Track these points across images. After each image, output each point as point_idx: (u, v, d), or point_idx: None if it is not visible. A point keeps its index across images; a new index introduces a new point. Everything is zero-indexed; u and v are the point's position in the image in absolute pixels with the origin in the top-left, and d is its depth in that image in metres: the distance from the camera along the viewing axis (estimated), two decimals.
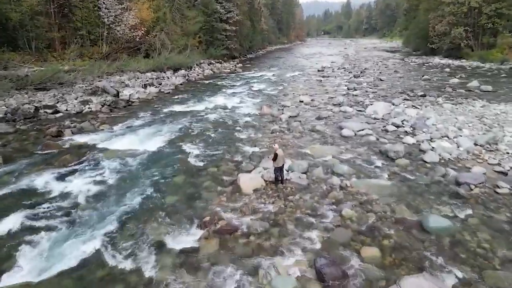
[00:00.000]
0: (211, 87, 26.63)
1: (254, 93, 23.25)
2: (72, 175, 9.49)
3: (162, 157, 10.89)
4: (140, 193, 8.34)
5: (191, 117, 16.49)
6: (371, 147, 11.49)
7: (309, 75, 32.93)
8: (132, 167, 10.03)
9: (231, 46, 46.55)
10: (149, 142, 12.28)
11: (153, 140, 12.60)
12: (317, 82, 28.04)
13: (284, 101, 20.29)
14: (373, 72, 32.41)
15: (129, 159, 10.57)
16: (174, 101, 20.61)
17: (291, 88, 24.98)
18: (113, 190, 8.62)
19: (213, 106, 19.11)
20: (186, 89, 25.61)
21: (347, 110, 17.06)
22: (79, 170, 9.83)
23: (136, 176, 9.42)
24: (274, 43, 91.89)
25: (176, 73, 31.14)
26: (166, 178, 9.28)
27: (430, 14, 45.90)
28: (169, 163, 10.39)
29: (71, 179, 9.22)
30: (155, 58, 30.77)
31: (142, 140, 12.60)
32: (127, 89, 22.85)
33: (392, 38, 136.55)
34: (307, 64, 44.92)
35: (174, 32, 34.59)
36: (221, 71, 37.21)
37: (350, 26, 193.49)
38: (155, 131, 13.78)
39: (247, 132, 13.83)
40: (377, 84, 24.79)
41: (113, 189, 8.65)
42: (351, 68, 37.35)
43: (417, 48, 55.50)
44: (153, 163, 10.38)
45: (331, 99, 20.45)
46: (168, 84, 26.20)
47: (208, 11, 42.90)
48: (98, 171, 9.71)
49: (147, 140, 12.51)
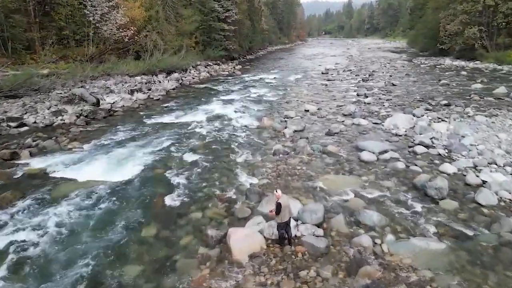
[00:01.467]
0: (207, 92, 24.18)
1: (253, 100, 20.81)
2: (3, 226, 7.03)
3: (132, 194, 8.42)
4: (85, 264, 5.85)
5: (180, 131, 14.03)
6: (401, 178, 9.02)
7: (312, 79, 30.49)
8: (89, 211, 7.56)
9: (229, 46, 44.10)
10: (121, 170, 9.82)
11: (127, 166, 10.14)
12: (322, 86, 25.59)
13: (287, 110, 17.86)
14: (382, 75, 29.94)
15: (86, 199, 8.10)
16: (162, 110, 18.17)
17: (294, 94, 22.54)
18: (47, 256, 6.10)
19: (206, 116, 16.68)
20: (179, 95, 23.16)
21: (361, 123, 14.60)
22: (15, 218, 7.33)
23: (89, 228, 6.96)
24: (275, 43, 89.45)
25: (169, 76, 28.68)
26: (131, 232, 6.82)
27: (440, 13, 43.45)
28: (140, 204, 7.94)
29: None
30: (146, 60, 28.32)
31: (114, 166, 10.14)
32: (111, 95, 20.39)
33: (394, 38, 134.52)
34: (309, 66, 42.48)
35: (167, 32, 32.14)
36: (218, 74, 34.77)
37: (352, 26, 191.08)
38: (132, 152, 11.33)
39: (243, 153, 11.38)
40: (390, 90, 22.32)
41: (47, 255, 6.12)
42: (358, 70, 34.88)
43: (425, 48, 53.01)
44: (119, 204, 7.93)
45: (340, 107, 18.01)
46: (158, 89, 23.74)
47: (205, 10, 40.48)
48: (40, 219, 7.24)
49: (119, 167, 10.06)
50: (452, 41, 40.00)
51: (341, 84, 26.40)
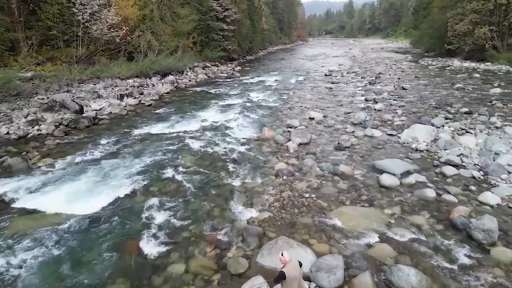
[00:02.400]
0: (203, 96, 22.52)
1: (253, 106, 19.14)
2: None
3: (102, 234, 6.74)
4: None
5: (169, 145, 12.37)
6: (434, 211, 7.34)
7: (315, 81, 28.84)
8: (45, 258, 5.88)
9: (228, 47, 42.43)
10: (93, 198, 8.15)
11: (102, 192, 8.46)
12: (327, 90, 23.94)
13: (290, 117, 16.21)
14: (390, 78, 28.26)
15: (44, 241, 6.40)
16: (153, 118, 16.50)
17: (297, 99, 20.88)
18: None
19: (200, 125, 15.02)
20: (173, 99, 21.50)
21: (374, 134, 12.92)
22: None
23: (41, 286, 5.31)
24: (275, 44, 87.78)
25: (164, 79, 27.04)
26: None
27: (447, 12, 41.76)
28: (110, 249, 6.26)
29: None
30: (139, 61, 26.65)
31: (86, 192, 8.45)
32: (98, 101, 18.73)
33: (396, 38, 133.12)
34: (312, 67, 40.84)
35: (163, 32, 30.47)
36: (217, 76, 33.12)
37: (353, 25, 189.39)
38: (110, 173, 9.65)
39: (240, 173, 9.71)
40: (401, 95, 20.63)
41: None
42: (363, 72, 33.21)
43: (430, 49, 51.30)
44: (83, 250, 6.25)
45: (348, 115, 16.35)
46: (151, 93, 22.08)
47: (203, 9, 38.83)
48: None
49: (92, 194, 8.37)
50: (460, 42, 38.29)
51: (346, 88, 24.74)
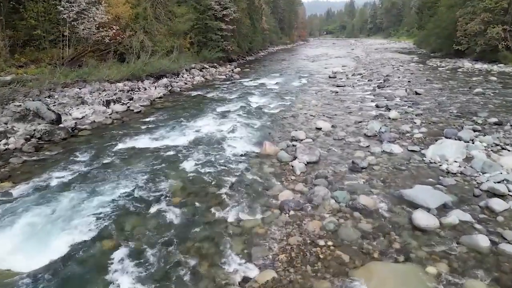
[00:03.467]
0: (198, 102, 20.72)
1: (252, 113, 17.34)
2: None
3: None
4: None
5: (154, 164, 10.55)
6: (494, 270, 5.49)
7: (319, 84, 27.05)
8: None
9: (227, 47, 40.63)
10: (51, 243, 6.28)
11: (64, 233, 6.61)
12: (333, 94, 22.14)
13: (294, 127, 14.42)
14: (399, 81, 26.45)
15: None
16: (140, 128, 14.69)
17: (300, 105, 19.08)
18: None
19: (193, 138, 13.21)
20: (165, 105, 19.70)
21: (393, 151, 11.10)
22: None
23: None
24: (276, 44, 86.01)
25: (157, 81, 25.24)
26: None
27: (455, 11, 39.99)
28: None
29: None
30: (130, 63, 24.86)
31: (43, 235, 6.58)
32: (81, 108, 16.91)
33: (398, 38, 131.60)
34: (314, 68, 39.07)
35: (157, 31, 28.67)
36: (214, 78, 31.33)
37: (354, 25, 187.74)
38: (76, 206, 7.80)
39: (236, 205, 7.86)
40: (416, 101, 18.78)
41: None
42: (369, 74, 31.40)
43: (437, 49, 49.49)
44: None
45: (359, 124, 14.54)
46: (142, 98, 20.26)
47: (201, 7, 37.06)
48: None
49: (51, 236, 6.51)
50: (471, 42, 36.47)
51: (353, 92, 22.93)
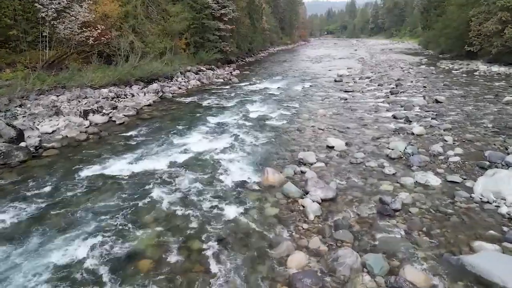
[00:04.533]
0: (191, 110, 18.44)
1: (251, 125, 15.05)
2: None
3: None
4: None
5: (125, 199, 8.23)
6: None
7: (325, 89, 24.78)
8: None
9: (226, 48, 38.38)
10: None
11: None
12: (342, 101, 19.85)
13: (301, 145, 12.13)
14: (414, 86, 24.15)
15: None
16: (118, 146, 12.39)
17: (307, 115, 16.77)
18: None
19: (179, 160, 10.90)
20: (153, 115, 17.42)
21: (429, 182, 8.76)
22: None
23: None
24: (277, 44, 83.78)
25: (148, 87, 22.94)
26: None
27: (467, 10, 37.71)
28: None
29: None
30: (118, 66, 22.56)
31: None
32: (55, 119, 14.61)
33: (401, 38, 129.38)
34: (318, 71, 36.78)
35: (148, 31, 26.38)
36: (211, 82, 29.04)
37: (355, 25, 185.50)
38: (12, 268, 5.57)
39: (227, 277, 5.61)
40: (439, 110, 16.45)
41: None
42: (378, 78, 29.11)
43: (446, 50, 47.19)
44: None
45: (379, 142, 12.25)
46: (128, 106, 17.94)
47: (197, 6, 34.79)
48: None
49: None
50: (485, 43, 34.18)
51: (364, 98, 20.64)
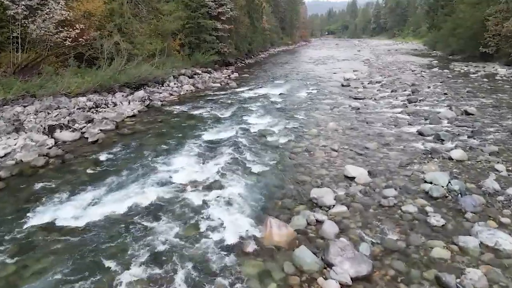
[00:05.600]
0: (181, 124, 15.88)
1: (249, 145, 12.46)
2: None
3: None
4: None
5: (74, 272, 5.71)
6: None
7: (332, 95, 22.25)
8: None
9: (224, 50, 35.81)
10: None
11: None
12: (353, 112, 17.30)
13: (312, 175, 9.56)
14: (432, 93, 21.59)
15: None
16: (83, 176, 9.81)
17: (315, 129, 14.17)
18: None
19: (155, 199, 8.29)
20: (135, 129, 14.84)
21: (501, 245, 6.17)
22: None
23: None
24: (277, 45, 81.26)
25: (134, 93, 20.39)
26: None
27: (480, 9, 35.21)
28: None
29: None
30: (100, 71, 20.01)
31: None
32: (12, 137, 12.05)
33: (404, 38, 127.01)
34: (322, 74, 34.23)
35: (137, 31, 23.81)
36: (207, 87, 26.52)
37: (357, 25, 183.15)
38: None
39: None
40: (474, 126, 13.78)
41: None
42: (389, 82, 26.55)
43: (457, 51, 44.68)
44: None
45: (409, 169, 9.66)
46: (106, 119, 15.33)
47: (193, 4, 32.23)
48: None
49: None
50: (504, 44, 31.65)
51: (379, 108, 18.09)
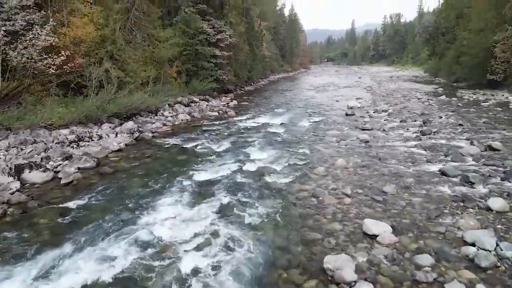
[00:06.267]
0: (170, 161, 14.14)
1: (247, 189, 10.64)
2: None
3: None
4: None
5: None
6: None
7: (338, 125, 20.69)
8: None
9: (222, 77, 34.63)
10: None
11: None
12: (362, 145, 15.64)
13: (323, 231, 7.69)
14: (446, 124, 20.02)
15: None
16: (45, 233, 7.88)
17: (322, 168, 12.41)
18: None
19: (136, 263, 6.39)
20: (119, 167, 13.06)
21: None
22: None
23: None
24: (277, 72, 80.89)
25: (123, 124, 18.79)
26: None
27: (487, 36, 34.37)
28: None
29: None
30: (88, 100, 18.52)
31: None
32: None
33: (404, 65, 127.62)
34: (324, 101, 32.93)
35: (130, 58, 22.55)
36: (204, 116, 25.03)
37: (356, 52, 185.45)
38: None
39: None
40: (503, 163, 12.12)
41: None
42: (397, 112, 25.09)
43: (462, 79, 43.69)
44: None
45: (440, 224, 7.84)
46: (88, 155, 13.58)
47: (190, 31, 31.30)
48: None
49: None
50: None
51: (390, 141, 16.44)
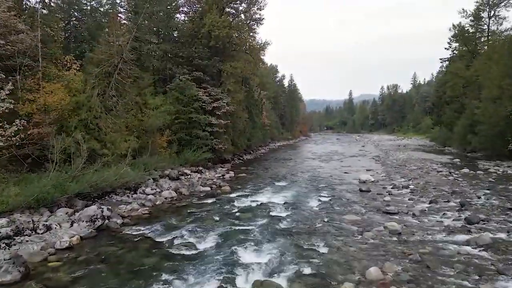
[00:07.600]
0: (133, 265, 9.97)
1: None
2: None
3: None
4: None
5: None
6: None
7: (353, 206, 16.84)
8: None
9: (218, 146, 31.60)
10: None
11: None
12: (394, 238, 11.65)
13: None
14: (490, 206, 16.18)
15: None
16: None
17: (351, 285, 8.36)
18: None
19: None
20: (53, 282, 8.92)
21: None
22: None
23: None
24: (277, 139, 78.98)
25: (85, 209, 14.85)
26: None
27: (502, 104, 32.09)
28: None
29: None
30: (46, 177, 14.91)
31: None
32: None
33: (405, 133, 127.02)
34: (331, 173, 29.32)
35: (107, 128, 19.44)
36: (193, 191, 21.22)
37: (355, 121, 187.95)
38: None
39: None
40: None
41: None
42: (421, 188, 21.36)
43: (477, 149, 40.81)
44: None
45: None
46: (19, 256, 9.60)
47: (185, 99, 29.00)
48: None
49: None
50: None
51: (430, 232, 12.45)
